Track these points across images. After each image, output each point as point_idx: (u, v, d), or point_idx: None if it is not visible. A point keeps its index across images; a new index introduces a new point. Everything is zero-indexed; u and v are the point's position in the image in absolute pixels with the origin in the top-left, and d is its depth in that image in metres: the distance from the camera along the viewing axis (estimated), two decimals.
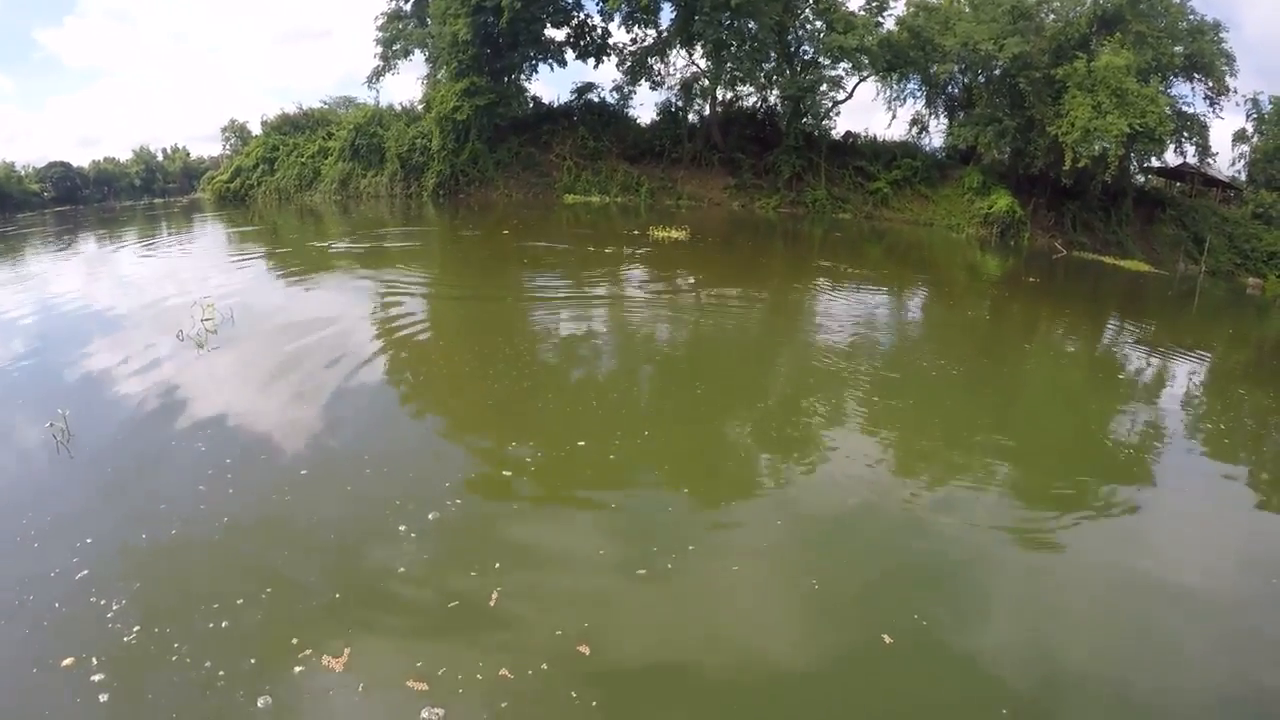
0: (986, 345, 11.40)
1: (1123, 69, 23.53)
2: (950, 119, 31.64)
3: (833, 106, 31.08)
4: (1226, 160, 33.13)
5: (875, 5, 29.16)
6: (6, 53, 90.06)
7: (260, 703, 3.32)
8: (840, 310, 12.56)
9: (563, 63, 32.55)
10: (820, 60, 29.93)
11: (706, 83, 31.63)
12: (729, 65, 29.55)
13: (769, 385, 8.50)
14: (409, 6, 34.34)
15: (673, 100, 32.85)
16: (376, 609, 4.01)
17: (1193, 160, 29.98)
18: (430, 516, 4.87)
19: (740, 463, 6.29)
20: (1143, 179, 32.78)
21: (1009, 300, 16.15)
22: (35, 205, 47.71)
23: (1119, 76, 23.51)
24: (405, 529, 4.71)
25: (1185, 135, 27.70)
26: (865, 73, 30.40)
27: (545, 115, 33.81)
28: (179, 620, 3.80)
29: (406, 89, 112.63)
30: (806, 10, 29.63)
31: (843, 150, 31.61)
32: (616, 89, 33.37)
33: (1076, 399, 9.30)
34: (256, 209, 32.08)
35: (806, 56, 30.44)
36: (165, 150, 63.62)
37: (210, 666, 3.50)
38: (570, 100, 34.25)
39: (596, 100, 33.78)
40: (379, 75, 35.57)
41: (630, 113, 33.88)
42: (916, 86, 31.64)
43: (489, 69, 30.04)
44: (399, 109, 34.84)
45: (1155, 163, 29.61)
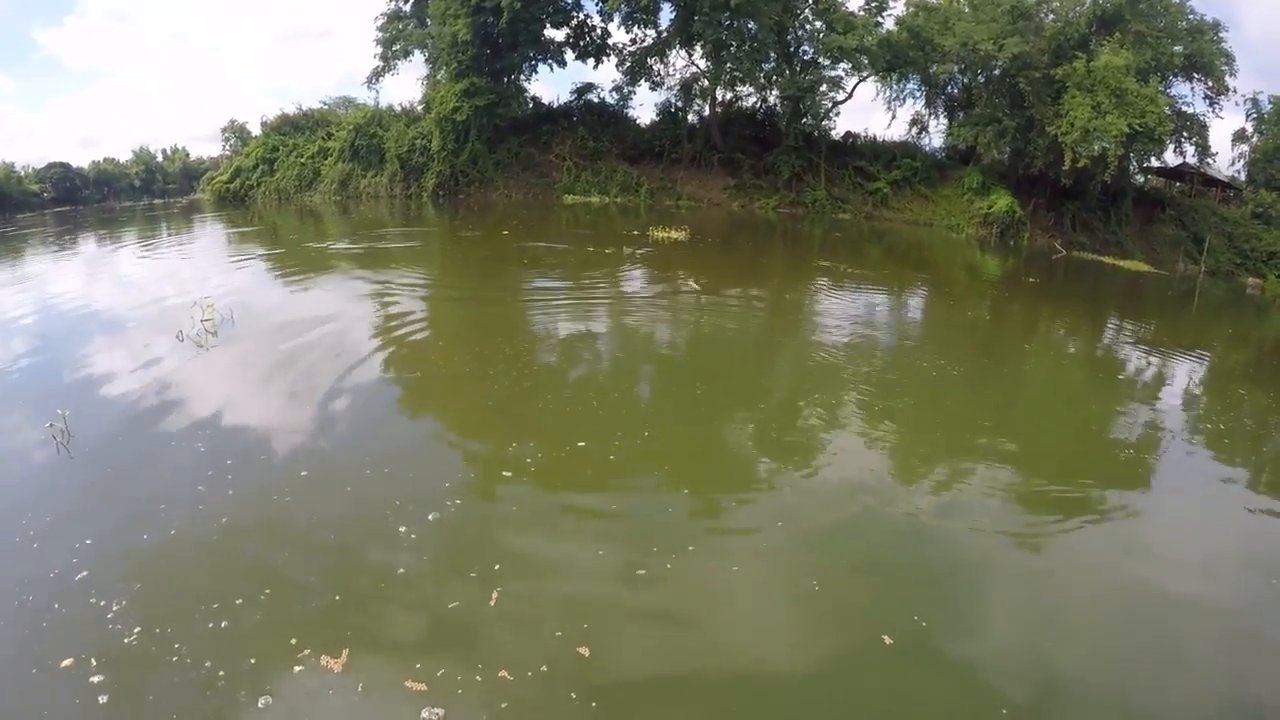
0: (986, 345, 11.40)
1: (1122, 69, 23.54)
2: (950, 119, 31.67)
3: (832, 107, 31.11)
4: (1226, 160, 33.21)
5: (875, 5, 29.18)
6: (6, 53, 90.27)
7: (260, 703, 3.32)
8: (840, 310, 12.56)
9: (562, 63, 32.63)
10: (820, 60, 29.96)
11: (706, 83, 31.67)
12: (728, 65, 29.57)
13: (769, 386, 8.50)
14: (409, 7, 34.37)
15: (672, 101, 32.92)
16: (376, 610, 4.01)
17: (1192, 160, 30.01)
18: (430, 517, 4.86)
19: (740, 463, 6.29)
20: (1142, 179, 32.80)
21: (1009, 300, 16.15)
22: (35, 206, 47.70)
23: (1118, 76, 23.52)
24: (405, 530, 4.71)
25: (1185, 135, 27.72)
26: (865, 73, 30.42)
27: (545, 116, 33.83)
28: (179, 621, 3.80)
29: (406, 90, 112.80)
30: (806, 10, 29.64)
31: (842, 150, 31.60)
32: (616, 89, 33.46)
33: (1076, 399, 9.30)
34: (256, 209, 32.07)
35: (806, 57, 30.46)
36: (165, 151, 63.79)
37: (210, 667, 3.50)
38: (570, 101, 34.33)
39: (596, 101, 33.82)
40: (379, 76, 35.70)
41: (630, 113, 33.99)
42: (916, 87, 31.67)
43: (489, 69, 30.05)
44: (399, 109, 34.93)
45: (1155, 163, 29.66)
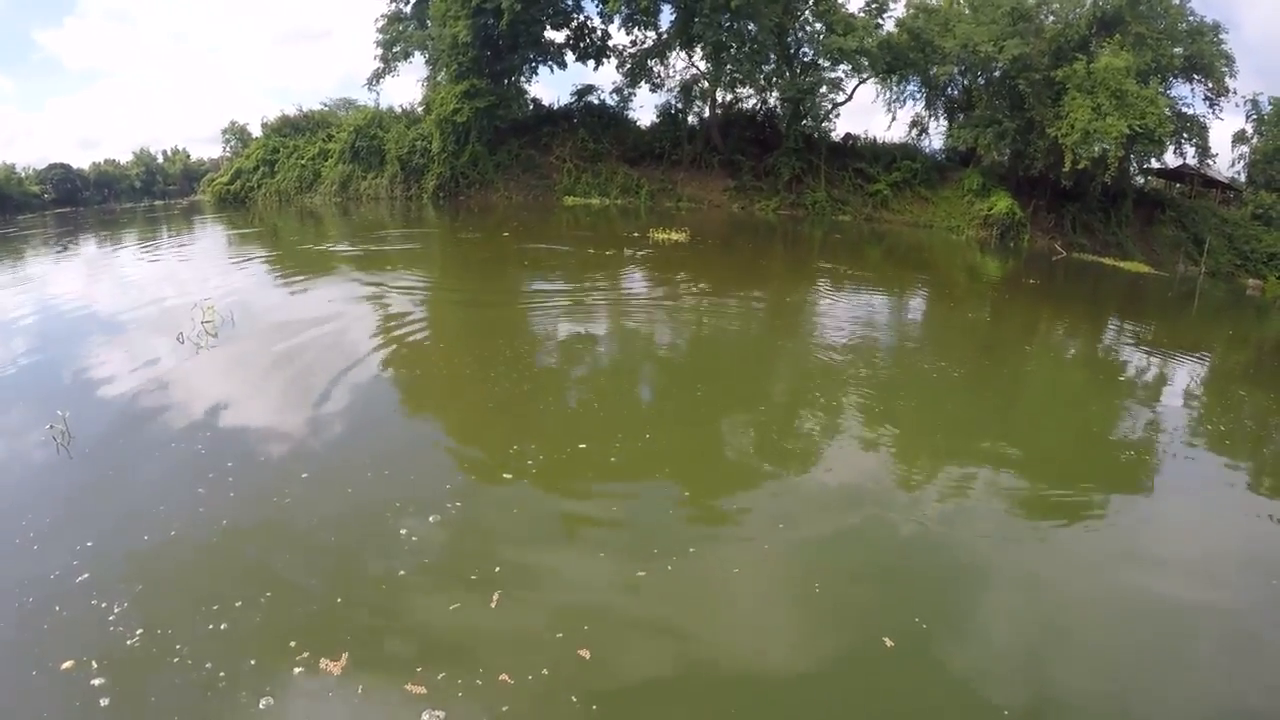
0: (987, 347, 11.41)
1: (1122, 70, 23.56)
2: (950, 121, 31.69)
3: (832, 108, 31.16)
4: (1226, 161, 33.18)
5: (875, 7, 29.24)
6: (6, 54, 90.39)
7: (261, 704, 3.32)
8: (840, 312, 12.56)
9: (563, 65, 32.67)
10: (820, 62, 30.00)
11: (706, 85, 31.72)
12: (729, 67, 29.59)
13: (770, 388, 8.50)
14: (409, 8, 34.43)
15: (672, 102, 32.96)
16: (377, 612, 4.00)
17: (1192, 161, 30.01)
18: (431, 519, 4.86)
19: (741, 465, 6.29)
20: (1142, 180, 32.79)
21: (1009, 302, 16.16)
22: (35, 207, 47.74)
23: (1118, 78, 23.54)
24: (406, 532, 4.71)
25: (1185, 136, 27.73)
26: (865, 75, 30.46)
27: (545, 117, 33.87)
28: (179, 623, 3.80)
29: (406, 91, 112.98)
30: (806, 12, 29.68)
31: (842, 152, 31.62)
32: (616, 91, 33.51)
33: (1077, 401, 9.30)
34: (256, 211, 32.08)
35: (806, 58, 30.49)
36: (165, 152, 63.90)
37: (210, 670, 3.50)
38: (570, 102, 34.36)
39: (596, 102, 33.85)
40: (379, 77, 35.78)
41: (630, 115, 34.03)
42: (916, 88, 31.67)
43: (489, 71, 30.08)
44: (399, 111, 34.94)
45: (1155, 164, 29.64)
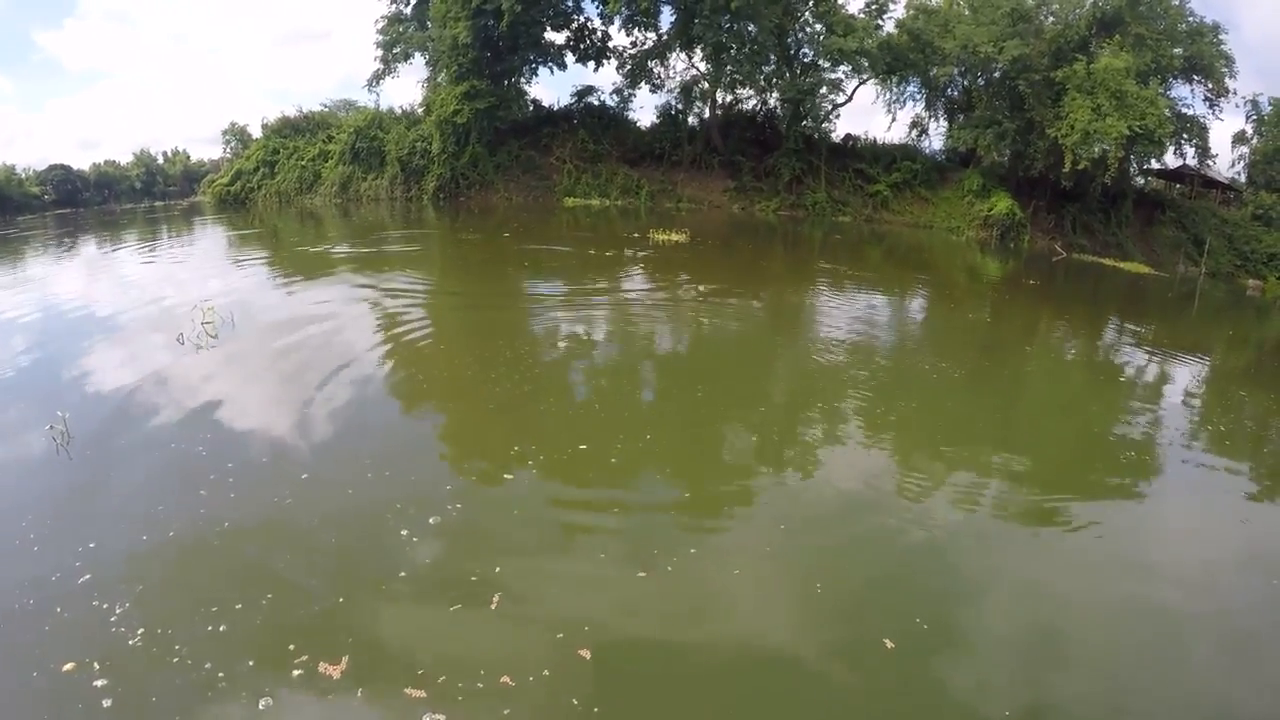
0: (987, 348, 11.41)
1: (1122, 71, 23.57)
2: (950, 122, 31.72)
3: (832, 109, 31.19)
4: (1226, 162, 33.22)
5: (875, 8, 29.24)
6: (6, 54, 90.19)
7: (260, 705, 3.31)
8: (841, 313, 12.57)
9: (563, 66, 32.67)
10: (820, 63, 30.02)
11: (706, 85, 31.74)
12: (729, 68, 29.60)
13: (770, 388, 8.51)
14: (409, 10, 34.43)
15: (673, 103, 32.98)
16: (377, 614, 4.00)
17: (1192, 162, 30.03)
18: (431, 520, 4.86)
19: (742, 466, 6.29)
20: (1142, 181, 32.82)
21: (1009, 303, 16.16)
22: (35, 208, 47.67)
23: (1118, 78, 23.55)
24: (406, 533, 4.71)
25: (1185, 137, 27.75)
26: (865, 75, 30.49)
27: (545, 118, 33.88)
28: (180, 624, 3.80)
29: (407, 92, 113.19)
30: (806, 13, 29.70)
31: (843, 153, 31.64)
32: (616, 92, 33.52)
33: (1077, 402, 9.30)
34: (257, 212, 32.07)
35: (806, 59, 30.51)
36: (166, 153, 63.82)
37: (210, 670, 3.49)
38: (570, 103, 34.36)
39: (596, 103, 33.87)
40: (379, 78, 35.69)
41: (630, 116, 34.04)
42: (916, 89, 31.70)
43: (489, 72, 30.08)
44: (399, 112, 34.91)
45: (1155, 165, 29.66)
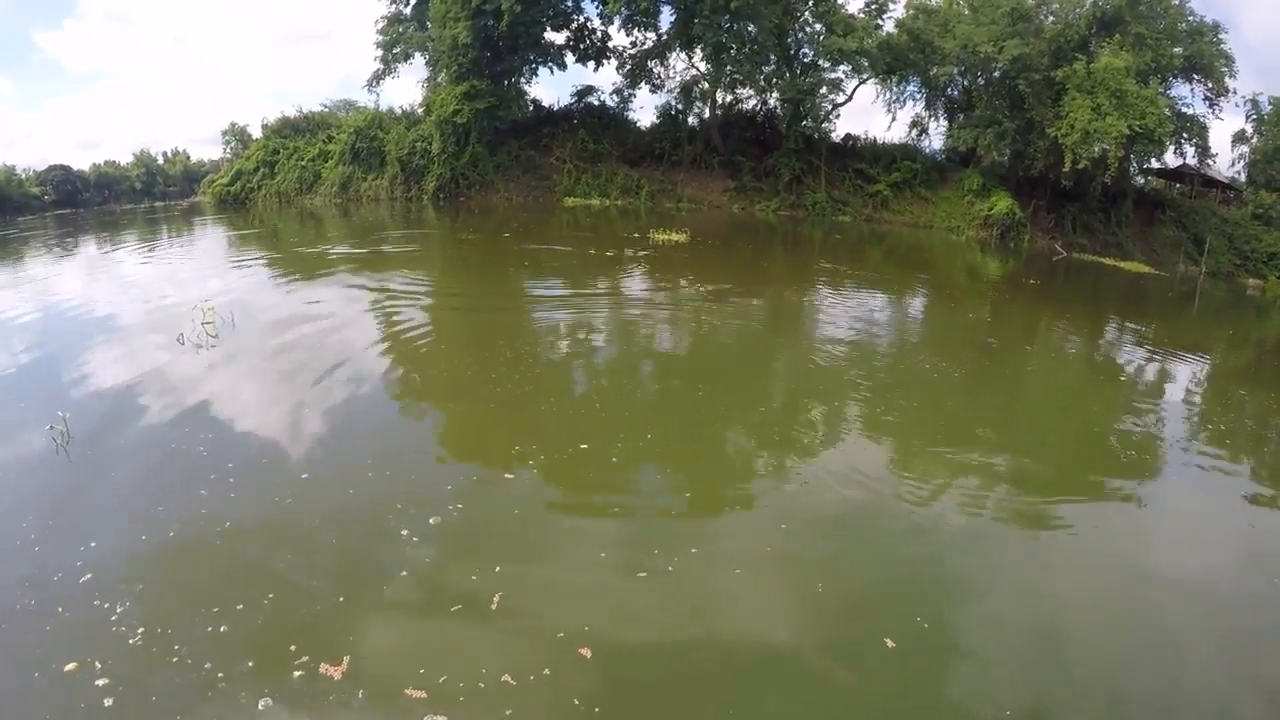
0: (988, 347, 11.39)
1: (1122, 70, 23.58)
2: (950, 121, 31.76)
3: (832, 109, 31.22)
4: (1226, 161, 33.26)
5: (874, 8, 29.27)
6: (6, 55, 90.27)
7: (260, 705, 3.31)
8: (841, 312, 12.57)
9: (563, 66, 32.71)
10: (820, 63, 30.06)
11: (706, 85, 31.76)
12: (729, 68, 29.63)
13: (771, 388, 8.51)
14: (409, 10, 34.44)
15: (673, 103, 33.03)
16: (378, 614, 4.01)
17: (1192, 161, 30.06)
18: (432, 520, 4.86)
19: (743, 465, 6.29)
20: (1142, 180, 32.85)
21: (1010, 302, 16.16)
22: (35, 209, 47.64)
23: (1118, 78, 23.56)
24: (407, 533, 4.71)
25: (1185, 136, 27.78)
26: (865, 75, 30.52)
27: (545, 118, 33.90)
28: (181, 624, 3.79)
29: (407, 92, 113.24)
30: (806, 13, 29.73)
31: (843, 153, 31.66)
32: (616, 92, 33.59)
33: (1078, 401, 9.30)
34: (257, 212, 32.09)
35: (806, 59, 30.54)
36: (166, 153, 63.86)
37: (210, 670, 3.49)
38: (570, 103, 34.41)
39: (596, 103, 33.91)
40: (379, 78, 35.76)
41: (630, 116, 34.11)
42: (916, 89, 31.75)
43: (489, 72, 30.10)
44: (399, 112, 34.96)
45: (1155, 164, 29.71)
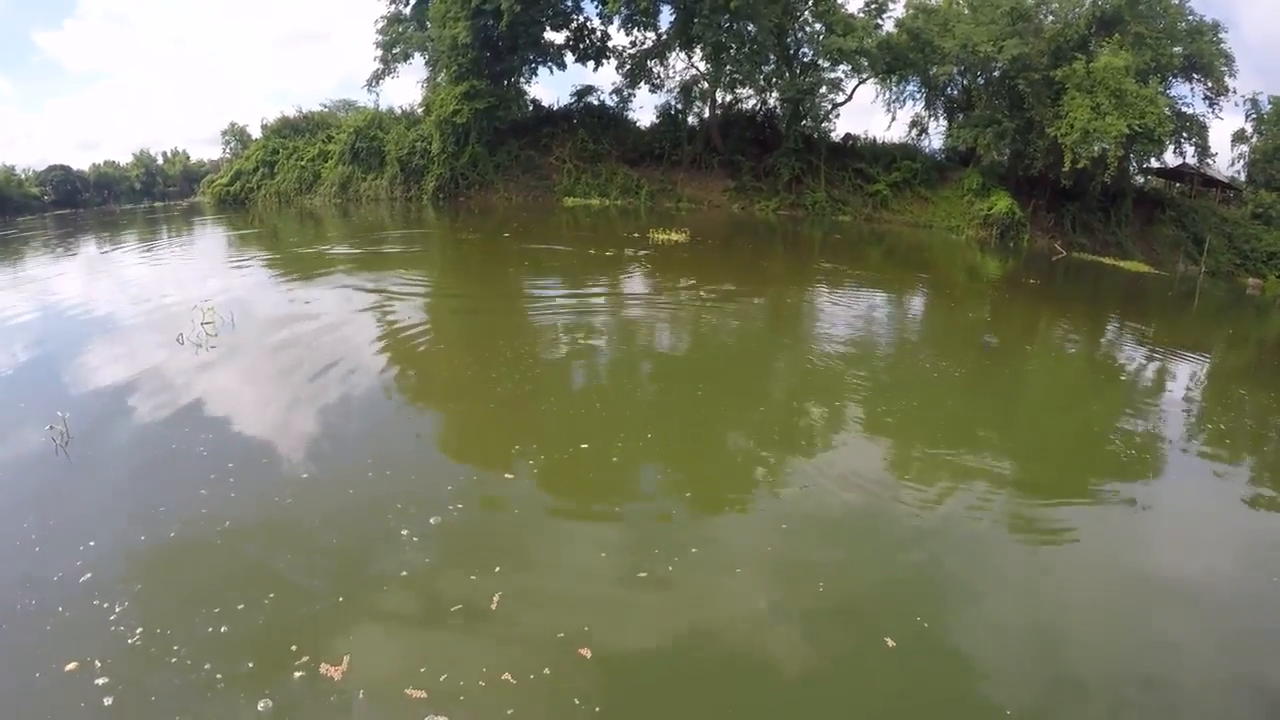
0: (988, 346, 11.38)
1: (1122, 70, 23.58)
2: (949, 121, 31.74)
3: (832, 109, 31.21)
4: (1226, 161, 33.27)
5: (874, 7, 29.28)
6: (6, 55, 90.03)
7: (260, 706, 3.31)
8: (841, 312, 12.57)
9: (562, 66, 32.73)
10: (819, 62, 30.06)
11: (706, 85, 31.77)
12: (728, 68, 29.64)
13: (771, 387, 8.51)
14: (408, 10, 34.45)
15: (672, 103, 33.03)
16: (378, 613, 4.00)
17: (1192, 161, 30.04)
18: (432, 520, 4.86)
19: (743, 465, 6.29)
20: (1142, 180, 32.84)
21: (1009, 302, 16.16)
22: (35, 209, 47.58)
23: (1118, 77, 23.56)
24: (407, 533, 4.71)
25: (1184, 136, 27.77)
26: (864, 75, 30.51)
27: (545, 118, 33.91)
28: (181, 624, 3.79)
29: (406, 92, 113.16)
30: (805, 13, 29.72)
31: (842, 152, 31.66)
32: (616, 92, 33.58)
33: (1078, 400, 9.30)
34: (256, 212, 32.09)
35: (806, 59, 30.53)
36: (165, 154, 63.77)
37: (210, 670, 3.49)
38: (570, 103, 34.42)
39: (596, 103, 33.91)
40: (379, 79, 35.77)
41: (630, 115, 34.12)
42: (916, 88, 31.72)
43: (489, 72, 30.10)
44: (399, 112, 34.98)
45: (1154, 163, 29.72)
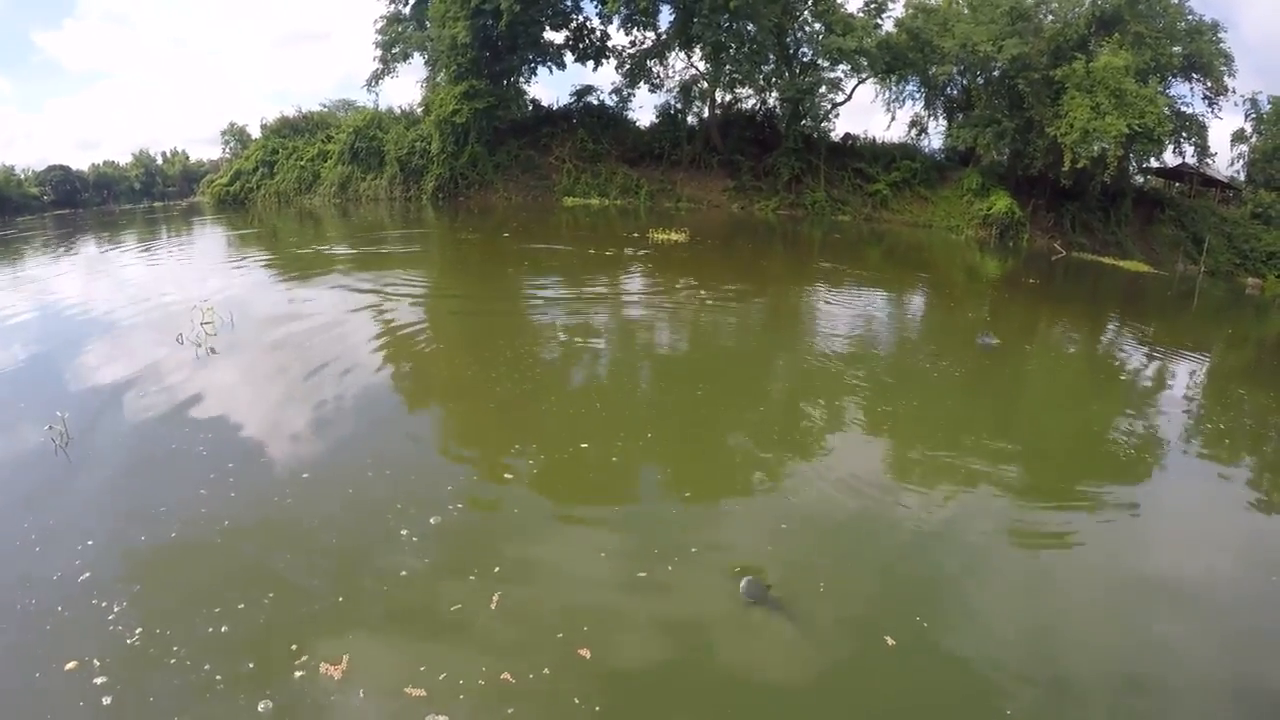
0: (987, 346, 11.38)
1: (1121, 69, 23.57)
2: (949, 121, 31.72)
3: (832, 108, 31.17)
4: (1225, 160, 33.22)
5: (874, 7, 29.25)
6: (5, 55, 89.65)
7: (260, 707, 3.31)
8: (840, 312, 12.57)
9: (562, 65, 32.69)
10: (819, 62, 30.02)
11: (705, 85, 31.75)
12: (728, 67, 29.61)
13: (770, 387, 8.51)
14: (408, 9, 34.41)
15: (672, 103, 32.98)
16: (378, 613, 4.01)
17: (1191, 160, 30.02)
18: (432, 520, 4.86)
19: (742, 465, 6.28)
20: (1142, 179, 32.81)
21: (1009, 302, 16.15)
22: (35, 209, 47.54)
23: (1117, 77, 23.55)
24: (407, 533, 4.71)
25: (1184, 135, 27.74)
26: (864, 75, 30.48)
27: (544, 118, 33.88)
28: (180, 624, 3.80)
29: (406, 92, 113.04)
30: (805, 12, 29.69)
31: (842, 152, 31.63)
32: (615, 91, 33.53)
33: (1077, 400, 9.30)
34: (256, 212, 32.09)
35: (805, 58, 30.50)
36: (165, 153, 63.57)
37: (209, 670, 3.50)
38: (569, 103, 34.39)
39: (596, 103, 33.87)
40: (378, 78, 35.70)
41: (629, 115, 34.06)
42: (915, 88, 31.68)
43: (488, 72, 30.07)
44: (398, 112, 34.94)
45: (1154, 163, 29.68)
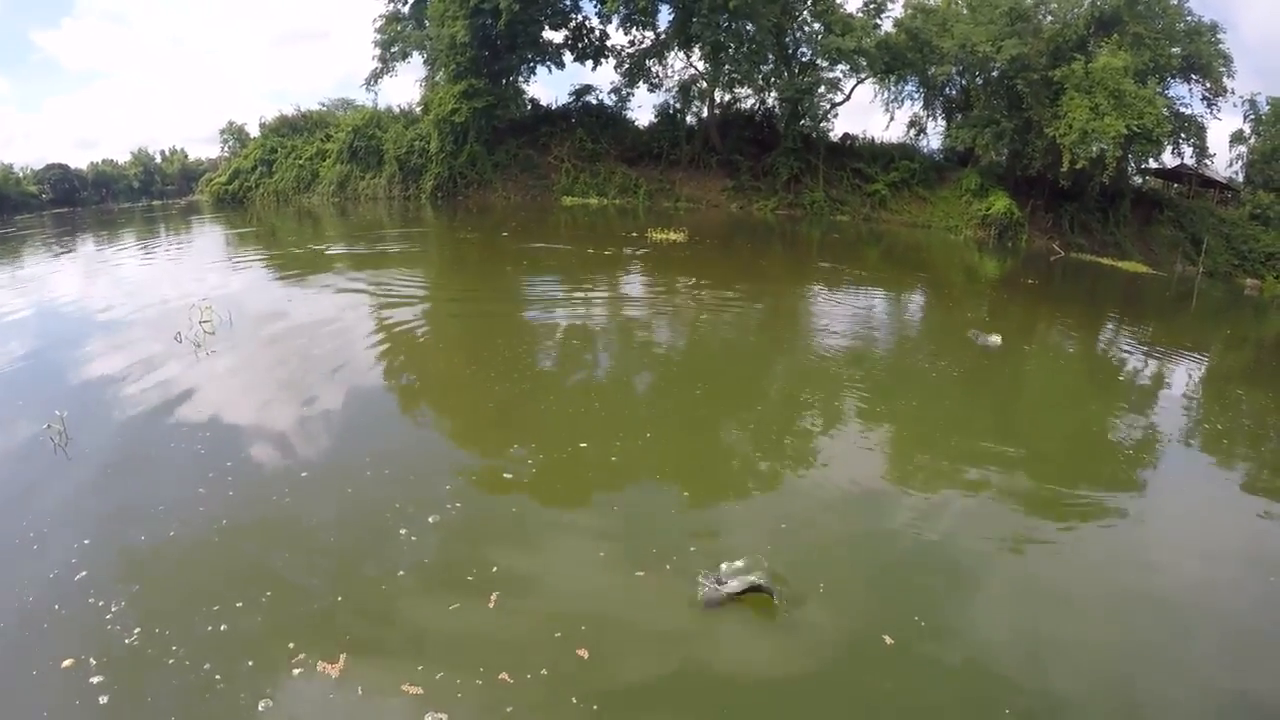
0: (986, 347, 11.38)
1: (1120, 70, 23.59)
2: (948, 121, 31.76)
3: (830, 108, 31.17)
4: (1224, 161, 33.22)
5: (873, 7, 29.26)
6: (4, 54, 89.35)
7: (260, 706, 3.31)
8: (839, 312, 12.57)
9: (561, 65, 32.67)
10: (818, 62, 30.02)
11: (704, 85, 31.74)
12: (727, 67, 29.60)
13: (769, 387, 8.51)
14: (407, 9, 34.39)
15: (671, 102, 32.98)
16: (376, 612, 4.00)
17: (1190, 161, 30.04)
18: (430, 519, 4.86)
19: (741, 465, 6.28)
20: (1140, 180, 32.83)
21: (1008, 302, 16.17)
22: (33, 207, 47.52)
23: (1116, 78, 23.57)
24: (405, 532, 4.70)
25: (1183, 136, 27.75)
26: (863, 75, 30.48)
27: (543, 117, 33.86)
28: (178, 623, 3.79)
29: (405, 91, 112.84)
30: (804, 12, 29.71)
31: (841, 152, 31.63)
32: (614, 91, 33.53)
33: (1076, 401, 9.31)
34: (254, 211, 32.07)
35: (804, 58, 30.52)
36: (163, 152, 63.51)
37: (208, 670, 3.49)
38: (568, 102, 34.39)
39: (595, 102, 33.87)
40: (377, 77, 35.71)
41: (628, 115, 34.06)
42: (914, 88, 31.71)
43: (487, 71, 30.05)
44: (397, 111, 34.90)
45: (1153, 164, 29.68)
